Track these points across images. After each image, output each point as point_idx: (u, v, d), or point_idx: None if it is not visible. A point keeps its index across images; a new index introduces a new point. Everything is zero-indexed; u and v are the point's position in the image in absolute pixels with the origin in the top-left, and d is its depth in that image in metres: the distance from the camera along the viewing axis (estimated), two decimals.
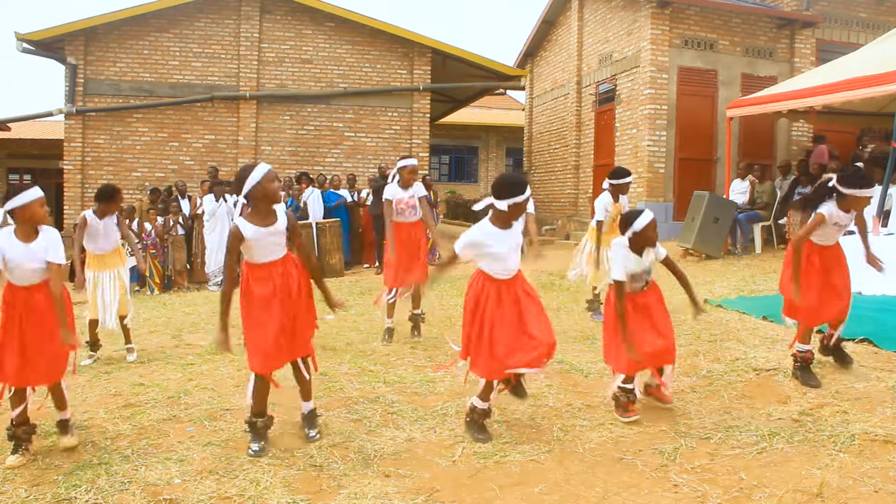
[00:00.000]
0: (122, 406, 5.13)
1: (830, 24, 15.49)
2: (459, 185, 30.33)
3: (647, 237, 4.53)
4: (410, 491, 3.66)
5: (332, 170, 15.80)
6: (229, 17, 15.92)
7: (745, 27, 15.01)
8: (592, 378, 5.56)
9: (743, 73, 14.97)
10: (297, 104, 16.21)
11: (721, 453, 4.05)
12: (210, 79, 15.89)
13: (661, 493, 3.59)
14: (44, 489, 3.74)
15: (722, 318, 7.41)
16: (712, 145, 14.88)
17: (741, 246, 12.59)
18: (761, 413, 4.70)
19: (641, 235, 4.52)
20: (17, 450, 4.15)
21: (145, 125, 15.66)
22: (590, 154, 17.28)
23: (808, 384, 5.14)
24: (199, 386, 5.55)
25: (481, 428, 4.34)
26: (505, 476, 3.84)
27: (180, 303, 10.68)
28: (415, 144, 16.53)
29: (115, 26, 15.34)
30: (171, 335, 7.83)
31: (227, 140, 15.94)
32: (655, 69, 14.36)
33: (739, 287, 9.09)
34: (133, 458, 4.11)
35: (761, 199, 12.80)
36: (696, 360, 5.88)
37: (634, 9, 15.03)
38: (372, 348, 6.79)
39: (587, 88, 17.45)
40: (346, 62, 16.43)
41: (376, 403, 5.03)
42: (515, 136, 26.73)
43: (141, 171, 15.59)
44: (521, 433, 4.43)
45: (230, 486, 3.72)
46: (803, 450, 4.05)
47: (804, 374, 5.23)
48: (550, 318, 4.41)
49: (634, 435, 4.40)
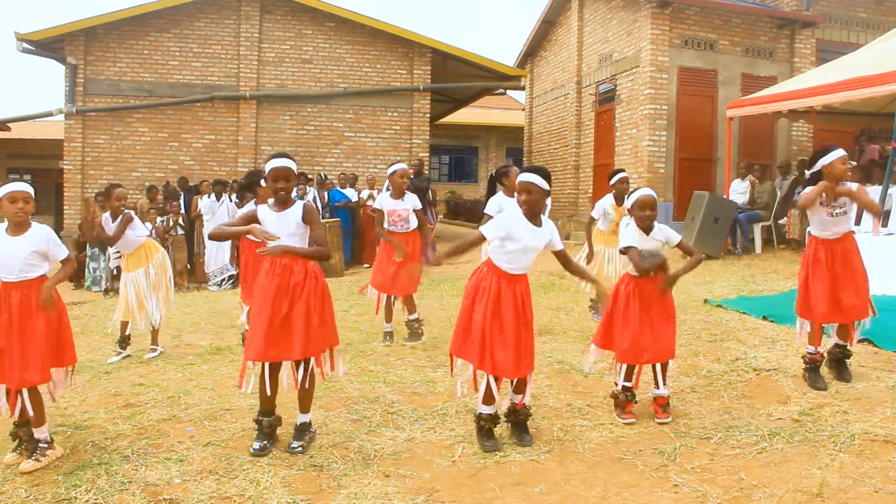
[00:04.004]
0: (123, 406, 5.12)
1: (830, 24, 15.49)
2: (459, 185, 30.34)
3: (636, 215, 4.65)
4: (410, 491, 3.66)
5: (333, 170, 15.80)
6: (229, 17, 15.93)
7: (746, 27, 15.00)
8: (592, 378, 5.56)
9: (743, 73, 14.96)
10: (297, 104, 16.21)
11: (721, 453, 4.05)
12: (210, 79, 15.89)
13: (661, 493, 3.59)
14: (44, 489, 3.74)
15: (722, 318, 7.41)
16: (712, 145, 14.88)
17: (741, 246, 12.59)
18: (761, 413, 4.70)
19: (632, 211, 4.68)
20: (17, 448, 4.16)
21: (145, 125, 15.66)
22: (590, 154, 17.27)
23: (815, 387, 5.12)
24: (200, 386, 5.55)
25: (488, 434, 4.28)
26: (505, 476, 3.84)
27: (180, 303, 10.66)
28: (415, 144, 16.53)
29: (115, 26, 15.35)
30: (171, 335, 7.83)
31: (227, 140, 15.94)
32: (655, 69, 14.36)
33: (739, 287, 9.10)
34: (133, 458, 4.11)
35: (761, 199, 12.80)
36: (696, 360, 5.89)
37: (634, 9, 15.03)
38: (372, 348, 6.79)
39: (587, 88, 17.45)
40: (346, 62, 16.43)
41: (376, 403, 5.03)
42: (515, 136, 26.73)
43: (141, 170, 15.58)
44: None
45: (230, 486, 3.72)
46: (803, 450, 4.05)
47: (812, 377, 5.21)
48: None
49: (634, 435, 4.40)
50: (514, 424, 4.39)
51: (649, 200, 4.64)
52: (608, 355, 4.89)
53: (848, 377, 5.30)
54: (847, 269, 5.22)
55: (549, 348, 6.52)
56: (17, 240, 4.16)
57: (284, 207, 4.29)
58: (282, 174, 4.25)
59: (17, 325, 4.09)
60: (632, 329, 4.58)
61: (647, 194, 4.66)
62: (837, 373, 5.34)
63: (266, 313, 4.13)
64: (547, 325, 7.47)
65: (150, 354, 6.80)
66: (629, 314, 4.62)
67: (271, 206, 4.33)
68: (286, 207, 4.29)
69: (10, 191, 4.15)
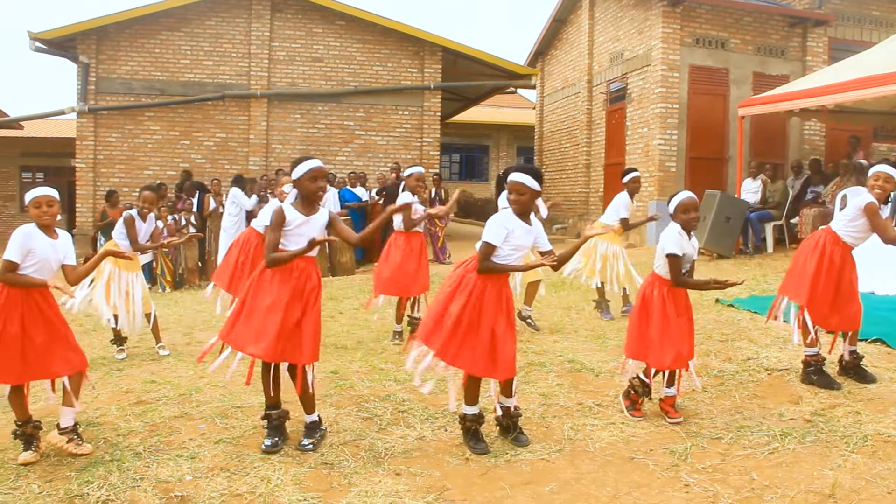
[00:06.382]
0: (134, 403, 5.15)
1: (843, 22, 15.39)
2: (470, 183, 30.30)
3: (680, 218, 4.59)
4: (421, 489, 3.67)
5: (343, 168, 15.80)
6: (240, 16, 15.95)
7: (757, 25, 14.93)
8: (603, 377, 5.55)
9: (755, 72, 14.88)
10: (308, 102, 16.22)
11: (732, 453, 4.04)
12: (221, 77, 15.92)
13: (671, 492, 3.59)
14: (56, 485, 3.76)
15: (733, 318, 7.38)
16: (724, 144, 14.81)
17: (753, 245, 12.53)
18: (773, 413, 4.69)
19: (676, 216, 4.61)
20: (29, 446, 4.18)
21: (157, 123, 15.71)
22: (601, 153, 17.23)
23: (829, 387, 5.09)
24: (211, 383, 5.56)
25: (476, 436, 4.24)
26: (515, 475, 3.84)
27: (192, 300, 10.72)
28: (425, 143, 16.53)
29: (126, 25, 15.40)
30: (183, 333, 7.86)
31: (238, 138, 15.97)
32: (666, 68, 14.30)
33: (751, 287, 9.06)
34: (145, 454, 4.13)
35: (773, 198, 12.74)
36: (707, 360, 5.86)
37: (646, 7, 14.98)
38: (383, 346, 6.80)
39: (598, 87, 17.41)
40: (357, 60, 16.43)
41: (387, 401, 5.04)
42: (526, 134, 26.68)
43: (152, 169, 15.62)
44: (532, 432, 4.43)
45: (241, 483, 3.74)
46: (815, 450, 4.03)
47: (821, 378, 5.18)
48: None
49: (645, 434, 4.39)
50: (504, 427, 4.36)
51: (693, 202, 4.61)
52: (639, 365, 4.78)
53: (872, 378, 5.27)
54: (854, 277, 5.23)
55: (560, 347, 6.52)
56: (55, 242, 4.30)
57: (313, 211, 4.28)
58: (321, 174, 4.28)
59: (46, 321, 4.21)
60: (672, 335, 4.52)
61: (689, 197, 4.63)
62: (860, 378, 5.29)
63: (279, 315, 4.11)
64: (558, 325, 7.47)
65: (163, 352, 6.82)
66: (667, 320, 4.55)
67: (296, 207, 4.28)
68: (314, 211, 4.29)
69: (34, 196, 4.28)
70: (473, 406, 4.24)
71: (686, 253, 4.59)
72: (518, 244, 4.23)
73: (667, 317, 4.55)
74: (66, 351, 4.27)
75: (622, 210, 7.61)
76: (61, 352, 4.25)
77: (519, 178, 4.22)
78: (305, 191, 4.26)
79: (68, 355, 4.28)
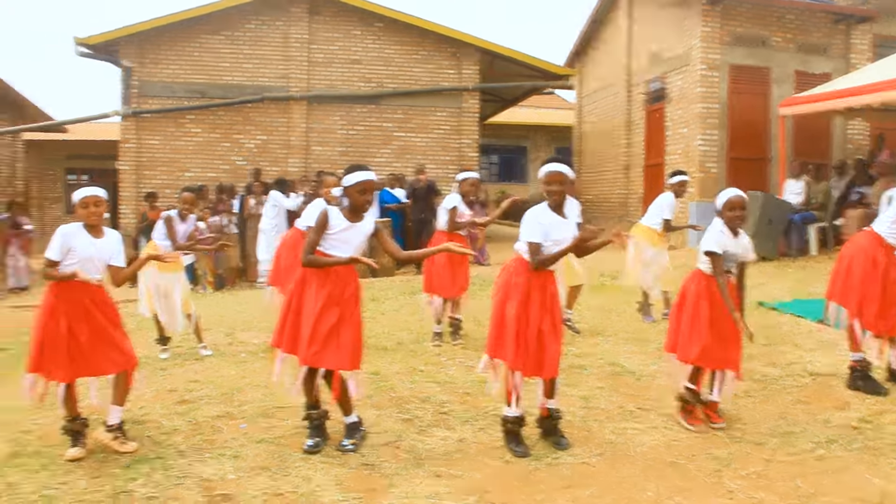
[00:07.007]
0: (177, 402, 5.23)
1: (888, 18, 15.07)
2: (509, 185, 30.20)
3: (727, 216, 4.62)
4: (462, 491, 3.67)
5: (382, 170, 15.85)
6: (279, 19, 16.10)
7: (799, 23, 14.67)
8: (644, 381, 5.51)
9: (796, 71, 14.61)
10: (347, 104, 16.32)
11: (777, 459, 3.98)
12: (260, 80, 16.08)
13: (714, 498, 3.55)
14: (103, 482, 3.83)
15: (776, 321, 7.28)
16: (765, 144, 14.58)
17: (796, 248, 12.31)
18: (818, 419, 4.61)
19: (722, 213, 4.64)
20: (77, 443, 4.26)
21: (198, 126, 15.92)
22: (640, 154, 17.07)
23: (876, 393, 4.98)
24: (253, 383, 5.62)
25: (516, 439, 4.25)
26: (556, 478, 3.83)
27: (233, 301, 10.84)
28: (464, 144, 16.54)
29: (167, 29, 15.61)
30: (225, 333, 7.95)
31: (278, 140, 16.12)
32: (706, 67, 14.13)
33: (794, 290, 8.91)
34: (188, 453, 4.19)
35: (816, 199, 12.50)
36: (750, 364, 5.78)
37: (685, 6, 14.82)
38: (423, 348, 6.82)
39: (637, 87, 17.26)
40: (395, 62, 16.49)
41: (427, 403, 5.05)
42: (564, 135, 26.53)
43: (194, 171, 15.82)
44: (573, 436, 4.40)
45: (283, 482, 3.78)
46: (863, 458, 3.96)
47: (867, 383, 5.07)
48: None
49: (687, 439, 4.35)
50: (546, 430, 4.35)
51: (740, 201, 4.60)
52: None
53: None
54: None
55: (601, 350, 6.48)
56: (100, 241, 4.38)
57: (358, 219, 4.32)
58: (370, 187, 4.32)
59: (92, 320, 4.29)
60: (701, 330, 4.48)
61: (737, 195, 4.62)
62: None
63: (311, 320, 4.15)
64: (598, 327, 7.42)
65: (205, 352, 6.91)
66: (699, 314, 4.52)
67: (343, 212, 4.31)
68: (360, 219, 4.32)
69: (81, 196, 4.38)
70: (514, 408, 4.23)
71: (728, 251, 4.54)
72: (556, 238, 4.21)
73: (699, 311, 4.52)
74: (110, 350, 4.34)
75: (666, 210, 7.53)
76: (106, 351, 4.33)
77: (558, 167, 4.23)
78: (353, 200, 4.30)
79: (112, 355, 4.35)
